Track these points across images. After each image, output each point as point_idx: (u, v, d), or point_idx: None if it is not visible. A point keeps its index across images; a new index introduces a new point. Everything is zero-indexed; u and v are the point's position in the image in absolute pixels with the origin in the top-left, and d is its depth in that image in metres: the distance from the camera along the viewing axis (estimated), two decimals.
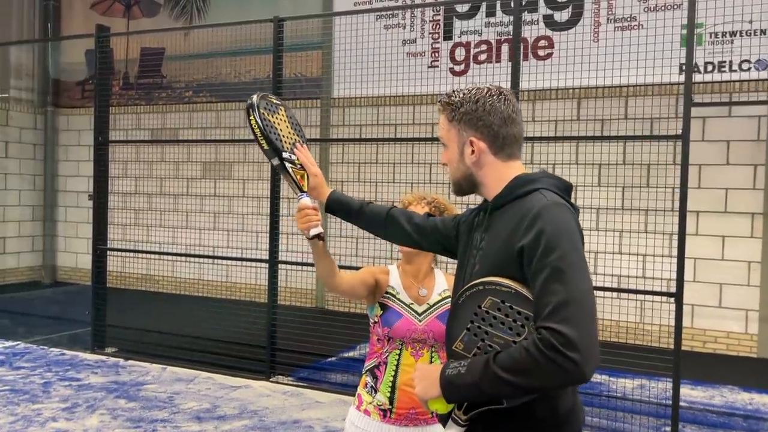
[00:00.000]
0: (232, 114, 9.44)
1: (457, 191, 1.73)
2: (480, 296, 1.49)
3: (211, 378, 5.56)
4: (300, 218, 1.95)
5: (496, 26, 7.84)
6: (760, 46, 6.54)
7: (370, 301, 2.31)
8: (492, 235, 1.61)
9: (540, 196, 1.54)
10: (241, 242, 9.32)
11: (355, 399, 2.36)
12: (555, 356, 1.34)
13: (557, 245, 1.43)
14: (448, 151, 1.70)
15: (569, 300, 1.38)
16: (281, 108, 2.04)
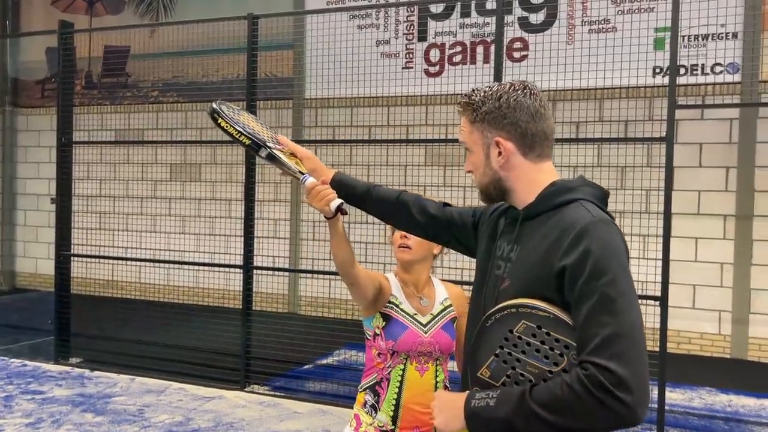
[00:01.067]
0: (200, 115, 9.18)
1: (485, 199, 1.57)
2: (512, 320, 1.34)
3: (182, 389, 5.35)
4: (313, 198, 1.80)
5: (470, 27, 7.78)
6: (734, 49, 6.60)
7: (370, 310, 2.16)
8: (525, 248, 1.45)
9: (583, 210, 1.39)
10: (211, 246, 9.10)
11: (352, 420, 2.21)
12: (604, 397, 1.21)
13: (607, 269, 1.29)
14: (472, 155, 1.54)
15: (620, 333, 1.24)
16: (242, 112, 1.97)
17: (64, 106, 6.14)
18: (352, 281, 2.03)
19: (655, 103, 6.79)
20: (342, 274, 2.02)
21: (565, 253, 1.33)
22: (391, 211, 1.81)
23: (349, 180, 1.84)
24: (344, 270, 2.00)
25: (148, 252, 8.78)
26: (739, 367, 6.55)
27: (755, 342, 6.77)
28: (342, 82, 7.02)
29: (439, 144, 7.79)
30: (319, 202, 1.79)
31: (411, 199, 1.79)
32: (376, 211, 1.84)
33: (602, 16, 7.17)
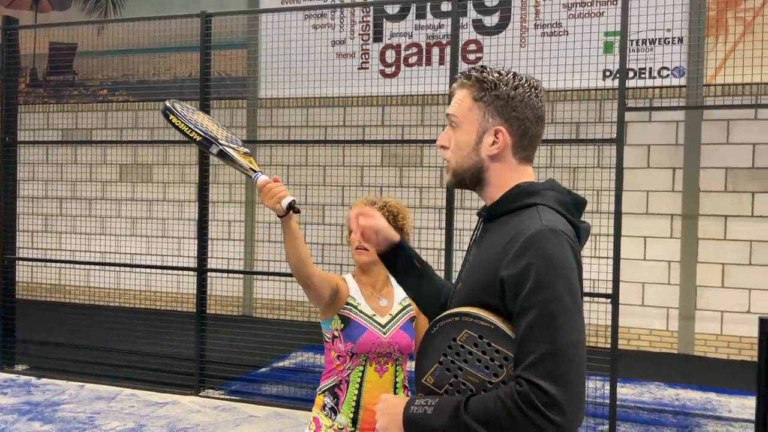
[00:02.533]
0: (151, 114, 8.98)
1: (456, 183, 1.45)
2: (456, 328, 1.31)
3: (134, 395, 5.22)
4: (265, 195, 1.77)
5: (426, 29, 7.82)
6: (680, 53, 6.81)
7: (328, 312, 2.14)
8: (480, 251, 1.40)
9: (535, 216, 1.32)
10: (163, 248, 8.90)
11: (311, 423, 2.18)
12: (534, 416, 1.18)
13: (549, 283, 1.23)
14: (458, 132, 1.42)
15: (556, 351, 1.20)
16: (197, 112, 1.95)
17: (8, 104, 5.92)
18: (307, 282, 2.00)
19: (605, 105, 6.95)
20: (296, 276, 1.98)
21: (510, 262, 1.28)
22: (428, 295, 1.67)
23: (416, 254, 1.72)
24: (298, 271, 1.97)
25: (96, 255, 8.54)
26: (686, 362, 6.76)
27: (701, 338, 7.00)
28: (297, 82, 6.96)
29: (395, 145, 7.81)
30: (270, 200, 1.77)
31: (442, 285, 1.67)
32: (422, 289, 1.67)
33: (554, 20, 7.30)
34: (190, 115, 1.84)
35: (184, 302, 7.99)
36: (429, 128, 7.69)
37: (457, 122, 1.43)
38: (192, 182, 8.72)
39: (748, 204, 6.82)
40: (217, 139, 1.80)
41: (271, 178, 1.76)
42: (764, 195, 6.76)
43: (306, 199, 8.34)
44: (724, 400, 5.47)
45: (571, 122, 6.89)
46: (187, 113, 1.84)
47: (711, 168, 6.92)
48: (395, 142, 7.67)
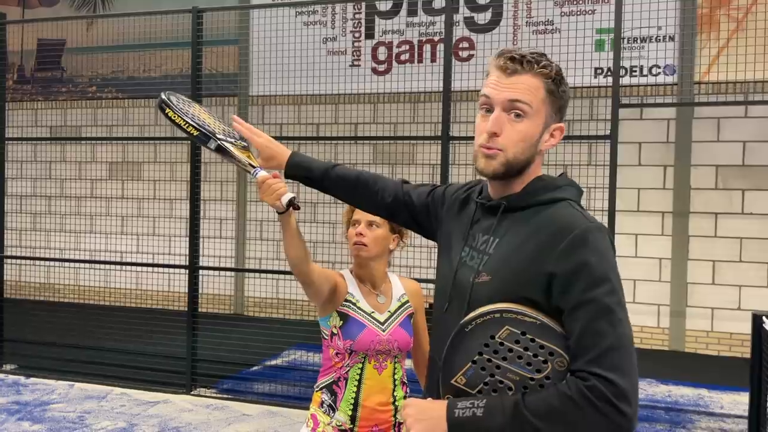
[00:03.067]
0: (140, 111, 8.91)
1: (504, 174, 1.38)
2: (494, 325, 1.27)
3: (125, 394, 5.17)
4: (264, 192, 1.72)
5: (418, 26, 7.80)
6: (673, 50, 6.82)
7: (326, 309, 2.11)
8: (507, 243, 1.37)
9: (577, 214, 1.34)
10: (153, 247, 8.84)
11: (309, 420, 2.15)
12: (607, 409, 1.19)
13: (605, 278, 1.25)
14: (527, 122, 1.36)
15: (619, 344, 1.22)
16: (194, 104, 1.89)
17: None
18: (306, 280, 1.98)
19: (597, 102, 6.96)
20: (295, 273, 1.96)
21: (560, 257, 1.28)
22: (350, 192, 1.73)
23: (307, 161, 1.74)
24: (297, 268, 1.94)
25: (85, 253, 8.46)
26: (677, 358, 6.78)
27: (692, 334, 7.03)
28: (288, 79, 6.92)
29: (386, 142, 7.79)
30: (269, 196, 1.73)
31: (370, 179, 1.72)
32: (334, 192, 1.75)
33: (546, 17, 7.31)
34: (186, 107, 1.79)
35: (175, 301, 7.93)
36: (421, 126, 7.68)
37: (529, 112, 1.36)
38: (182, 180, 8.65)
39: (738, 201, 6.86)
40: (214, 134, 1.74)
41: (271, 174, 1.72)
42: (754, 192, 6.80)
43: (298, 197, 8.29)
44: (716, 396, 5.49)
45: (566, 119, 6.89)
46: (184, 106, 1.79)
47: (702, 165, 6.95)
48: (387, 139, 7.65)
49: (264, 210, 8.50)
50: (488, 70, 1.44)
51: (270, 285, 7.36)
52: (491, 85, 1.39)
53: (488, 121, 1.38)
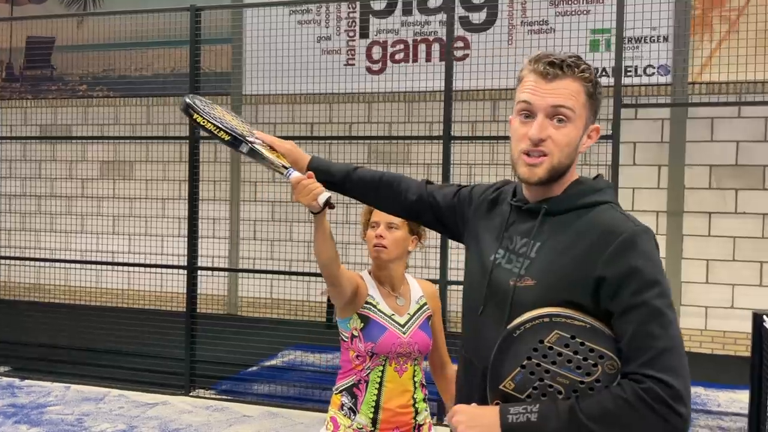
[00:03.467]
0: (132, 110, 8.83)
1: (548, 179, 1.38)
2: (544, 330, 1.28)
3: (122, 395, 5.12)
4: (299, 193, 1.70)
5: (412, 26, 7.79)
6: (666, 51, 6.87)
7: (346, 311, 2.10)
8: (551, 247, 1.36)
9: (622, 217, 1.34)
10: (145, 247, 8.77)
11: (328, 423, 2.14)
12: (663, 410, 1.20)
13: (655, 282, 1.26)
14: (570, 127, 1.36)
15: (672, 346, 1.23)
16: (216, 106, 1.86)
17: None
18: (335, 281, 1.97)
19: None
20: (325, 274, 1.94)
21: (609, 261, 1.28)
22: (372, 194, 1.73)
23: (326, 164, 1.74)
24: (328, 269, 1.93)
25: (76, 254, 8.37)
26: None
27: (686, 333, 7.08)
28: (282, 78, 6.89)
29: (381, 141, 7.78)
30: (305, 197, 1.70)
31: (393, 180, 1.71)
32: (356, 194, 1.75)
33: (541, 17, 7.33)
34: (211, 110, 1.76)
35: (168, 301, 7.88)
36: (416, 125, 7.67)
37: (572, 117, 1.36)
38: (175, 179, 8.60)
39: (731, 201, 6.92)
40: (244, 137, 1.72)
41: (305, 175, 1.70)
42: (747, 192, 6.87)
43: (292, 197, 8.25)
44: (712, 394, 5.54)
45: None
46: (208, 109, 1.76)
47: (696, 165, 7.01)
48: (382, 139, 7.64)
49: (257, 210, 8.46)
50: (522, 75, 1.42)
51: (264, 285, 7.34)
52: (530, 90, 1.38)
53: (529, 126, 1.37)
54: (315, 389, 5.27)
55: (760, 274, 6.86)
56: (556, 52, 1.40)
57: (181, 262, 7.62)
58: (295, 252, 8.08)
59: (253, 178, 8.35)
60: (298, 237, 8.20)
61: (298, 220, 8.20)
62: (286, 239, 8.22)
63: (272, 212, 8.33)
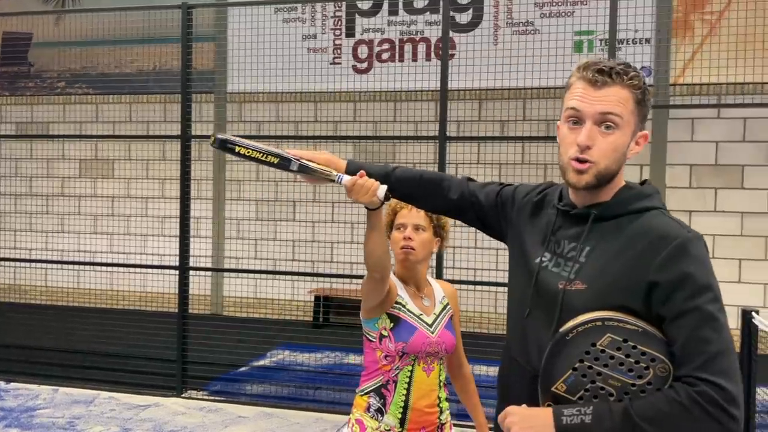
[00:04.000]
0: (113, 107, 8.71)
1: (596, 185, 1.40)
2: (596, 333, 1.30)
3: (113, 398, 5.05)
4: (358, 193, 1.70)
5: (399, 25, 7.82)
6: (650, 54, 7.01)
7: (375, 311, 2.10)
8: (602, 252, 1.39)
9: (673, 223, 1.38)
10: (126, 246, 8.66)
11: (354, 425, 2.14)
12: (717, 413, 1.24)
13: (708, 287, 1.30)
14: (618, 134, 1.38)
15: (724, 350, 1.27)
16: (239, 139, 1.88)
17: None
18: (385, 275, 1.97)
19: None
20: (378, 269, 1.94)
21: (662, 266, 1.31)
22: (414, 192, 1.75)
23: (364, 167, 1.76)
24: (382, 264, 1.93)
25: (55, 254, 8.22)
26: None
27: None
28: (267, 77, 6.86)
29: (368, 141, 7.78)
30: (365, 195, 1.71)
31: (435, 178, 1.74)
32: (398, 194, 1.78)
33: (526, 18, 7.41)
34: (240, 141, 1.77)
35: (152, 301, 7.79)
36: (402, 124, 7.70)
37: (620, 124, 1.39)
38: (157, 178, 8.51)
39: (711, 199, 7.10)
40: (289, 156, 1.73)
41: (357, 175, 1.72)
42: (727, 191, 7.05)
43: (277, 196, 8.23)
44: None
45: (538, 120, 7.00)
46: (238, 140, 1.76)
47: (676, 165, 7.16)
48: (368, 139, 7.64)
49: (241, 209, 8.41)
50: (570, 81, 1.45)
51: (249, 285, 7.30)
52: (579, 97, 1.40)
53: (577, 133, 1.40)
54: (308, 389, 5.27)
55: (739, 271, 7.05)
56: (604, 59, 1.43)
57: (165, 262, 7.56)
58: (280, 252, 8.06)
59: (237, 177, 8.29)
60: (282, 236, 8.17)
61: (282, 219, 8.17)
62: (271, 238, 8.18)
63: (257, 211, 8.29)
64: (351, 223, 7.49)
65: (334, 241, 7.66)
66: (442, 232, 2.20)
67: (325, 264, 7.75)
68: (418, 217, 2.15)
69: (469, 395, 2.33)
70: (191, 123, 5.29)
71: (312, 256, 7.92)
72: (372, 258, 1.91)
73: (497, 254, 6.55)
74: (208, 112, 8.41)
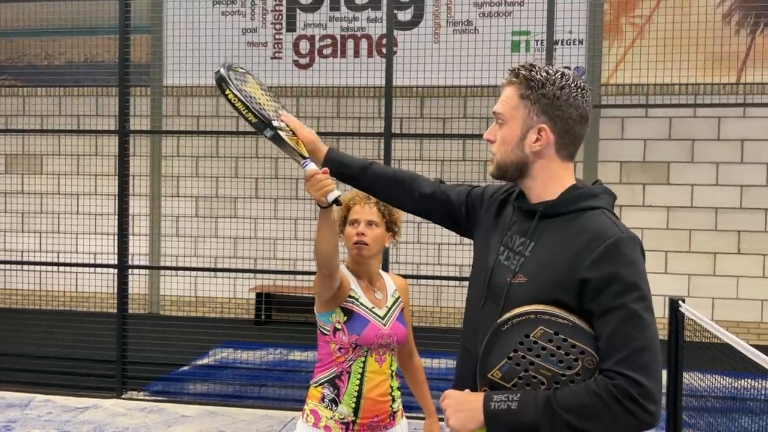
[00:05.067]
0: (41, 101, 8.36)
1: (500, 175, 1.54)
2: (530, 325, 1.37)
3: (49, 400, 4.88)
4: (312, 186, 1.75)
5: (340, 21, 7.82)
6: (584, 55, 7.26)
7: (329, 305, 2.14)
8: (544, 247, 1.46)
9: (608, 222, 1.43)
10: (57, 245, 8.34)
11: (309, 416, 2.17)
12: (632, 407, 1.30)
13: (634, 286, 1.35)
14: (504, 129, 1.50)
15: (645, 347, 1.32)
16: (249, 76, 1.86)
17: None
18: (333, 272, 2.01)
19: None
20: (326, 266, 1.99)
21: (593, 264, 1.36)
22: (386, 189, 1.80)
23: (342, 157, 1.80)
24: (330, 261, 1.98)
25: None
26: None
27: None
28: (205, 71, 6.72)
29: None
30: (317, 191, 1.76)
31: (407, 178, 1.78)
32: (371, 189, 1.82)
33: (466, 18, 7.55)
34: (244, 85, 1.77)
35: (84, 301, 7.55)
36: (345, 120, 7.71)
37: (503, 119, 1.51)
38: (89, 174, 8.22)
39: (640, 195, 7.43)
40: (270, 120, 1.73)
41: (322, 170, 1.75)
42: (654, 186, 7.40)
43: (217, 192, 8.11)
44: None
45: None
46: (242, 84, 1.76)
47: (608, 161, 7.46)
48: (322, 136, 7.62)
49: (179, 206, 8.24)
50: None
51: (188, 283, 7.17)
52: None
53: None
54: (253, 386, 5.24)
55: (666, 262, 7.41)
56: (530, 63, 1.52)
57: (100, 260, 7.33)
58: (221, 249, 7.95)
59: (175, 173, 8.11)
60: (222, 233, 8.06)
61: (223, 216, 8.06)
62: (210, 236, 8.06)
63: (196, 208, 8.14)
64: (294, 220, 7.46)
65: (276, 237, 7.61)
66: (395, 228, 2.25)
67: (267, 261, 7.69)
68: (370, 213, 2.19)
69: (419, 384, 2.39)
70: (129, 117, 5.16)
71: (254, 253, 7.84)
72: (318, 254, 1.96)
73: (439, 249, 6.68)
74: (142, 107, 8.18)
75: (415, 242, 6.75)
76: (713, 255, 7.37)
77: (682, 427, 4.27)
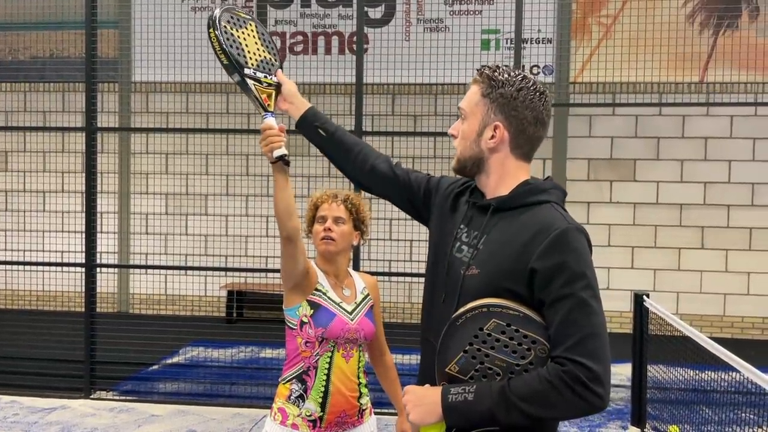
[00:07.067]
0: (6, 96, 8.20)
1: (459, 170, 1.60)
2: (483, 319, 1.41)
3: (14, 401, 4.81)
4: (262, 140, 1.84)
5: (311, 18, 7.81)
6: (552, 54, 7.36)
7: (295, 299, 2.15)
8: (495, 240, 1.50)
9: (556, 214, 1.48)
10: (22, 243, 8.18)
11: (276, 414, 2.18)
12: (582, 391, 1.35)
13: (581, 275, 1.40)
14: (465, 124, 1.57)
15: (593, 333, 1.37)
16: (251, 23, 1.88)
17: None
18: (292, 235, 2.01)
19: None
20: (283, 227, 2.00)
21: (542, 255, 1.41)
22: (346, 157, 1.81)
23: (322, 115, 1.86)
24: (286, 220, 1.98)
25: None
26: None
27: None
28: (175, 67, 6.69)
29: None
30: (265, 146, 1.83)
31: (370, 153, 1.81)
32: (333, 154, 1.84)
33: (436, 16, 7.59)
34: (235, 30, 1.80)
35: (50, 300, 7.43)
36: None
37: (465, 114, 1.58)
38: (55, 171, 8.08)
39: (607, 191, 7.56)
40: (242, 66, 1.76)
41: (277, 127, 1.81)
42: (621, 183, 7.53)
43: (187, 189, 8.04)
44: None
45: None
46: (232, 27, 1.79)
47: (576, 159, 7.57)
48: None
49: (149, 204, 8.14)
50: None
51: (158, 281, 7.10)
52: None
53: None
54: (224, 385, 5.22)
55: (632, 258, 7.56)
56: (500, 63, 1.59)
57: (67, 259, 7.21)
58: (192, 246, 7.88)
59: (145, 169, 8.02)
60: (193, 231, 7.99)
61: (194, 213, 7.99)
62: (181, 233, 7.98)
63: (166, 206, 8.06)
64: (266, 217, 7.42)
65: (247, 235, 7.57)
66: (362, 226, 2.27)
67: (238, 258, 7.65)
68: (338, 210, 2.22)
69: (390, 381, 2.42)
70: (96, 114, 5.09)
71: (224, 250, 7.79)
72: (277, 212, 1.98)
73: (410, 246, 6.71)
74: (110, 103, 8.06)
75: (387, 239, 6.77)
76: (678, 250, 7.54)
77: (646, 419, 4.38)
